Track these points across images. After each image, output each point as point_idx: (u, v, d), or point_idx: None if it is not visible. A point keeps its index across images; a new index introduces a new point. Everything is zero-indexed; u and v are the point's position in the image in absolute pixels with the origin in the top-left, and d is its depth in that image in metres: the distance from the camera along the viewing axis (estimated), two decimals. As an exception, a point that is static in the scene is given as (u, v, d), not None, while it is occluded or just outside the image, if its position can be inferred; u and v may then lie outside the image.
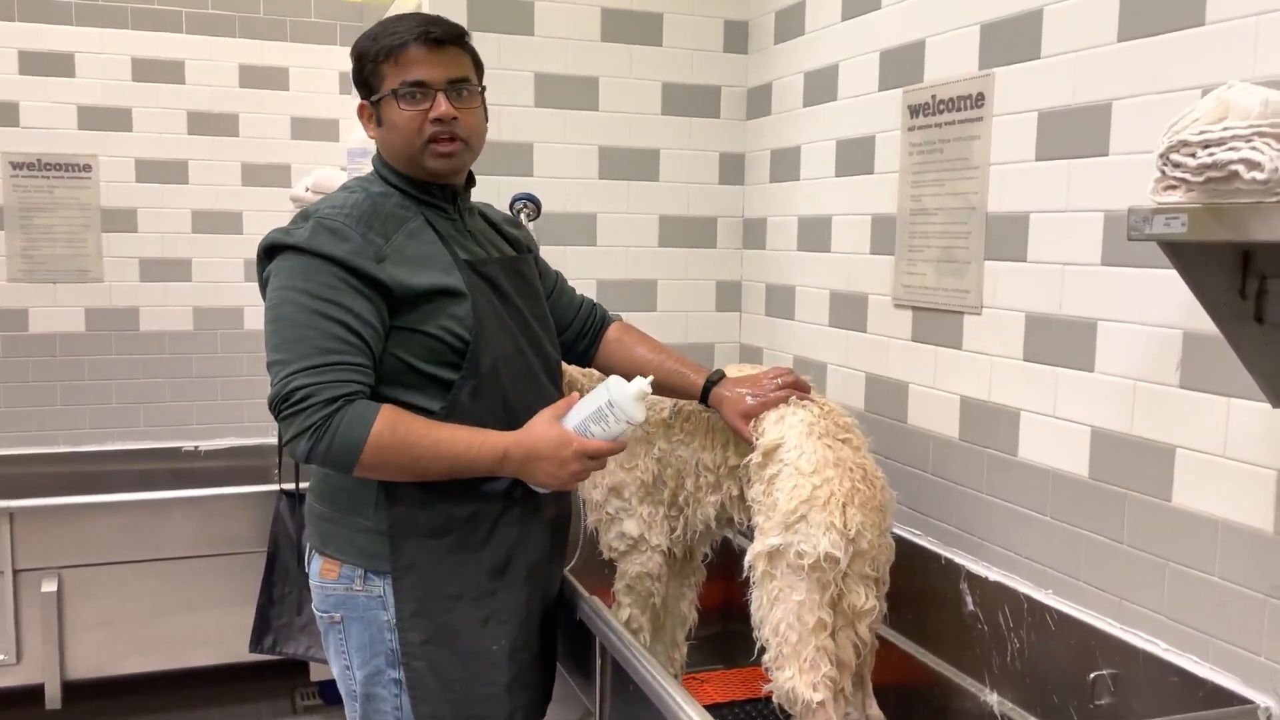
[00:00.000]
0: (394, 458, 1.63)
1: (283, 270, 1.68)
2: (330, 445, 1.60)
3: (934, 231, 2.34)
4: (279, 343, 1.64)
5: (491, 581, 1.80)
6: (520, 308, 1.86)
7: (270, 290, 1.69)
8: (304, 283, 1.65)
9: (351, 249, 1.66)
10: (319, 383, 1.60)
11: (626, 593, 2.25)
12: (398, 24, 1.77)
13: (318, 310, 1.63)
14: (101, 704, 3.39)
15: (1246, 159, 1.22)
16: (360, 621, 1.78)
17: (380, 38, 1.77)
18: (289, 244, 1.67)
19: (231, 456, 3.97)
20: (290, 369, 1.61)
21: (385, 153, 1.83)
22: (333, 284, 1.64)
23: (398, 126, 1.76)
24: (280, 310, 1.65)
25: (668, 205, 3.17)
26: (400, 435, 1.63)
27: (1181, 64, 1.73)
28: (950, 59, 2.28)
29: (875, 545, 1.87)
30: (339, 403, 1.60)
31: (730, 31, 3.16)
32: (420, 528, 1.75)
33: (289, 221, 1.75)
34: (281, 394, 1.61)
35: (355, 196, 1.75)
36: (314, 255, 1.65)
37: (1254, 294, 1.46)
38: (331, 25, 4.06)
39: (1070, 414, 1.98)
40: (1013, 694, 2.06)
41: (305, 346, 1.61)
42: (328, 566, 1.80)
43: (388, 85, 1.75)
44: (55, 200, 3.83)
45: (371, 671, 1.80)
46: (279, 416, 1.63)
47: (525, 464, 1.70)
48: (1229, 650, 1.67)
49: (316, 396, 1.60)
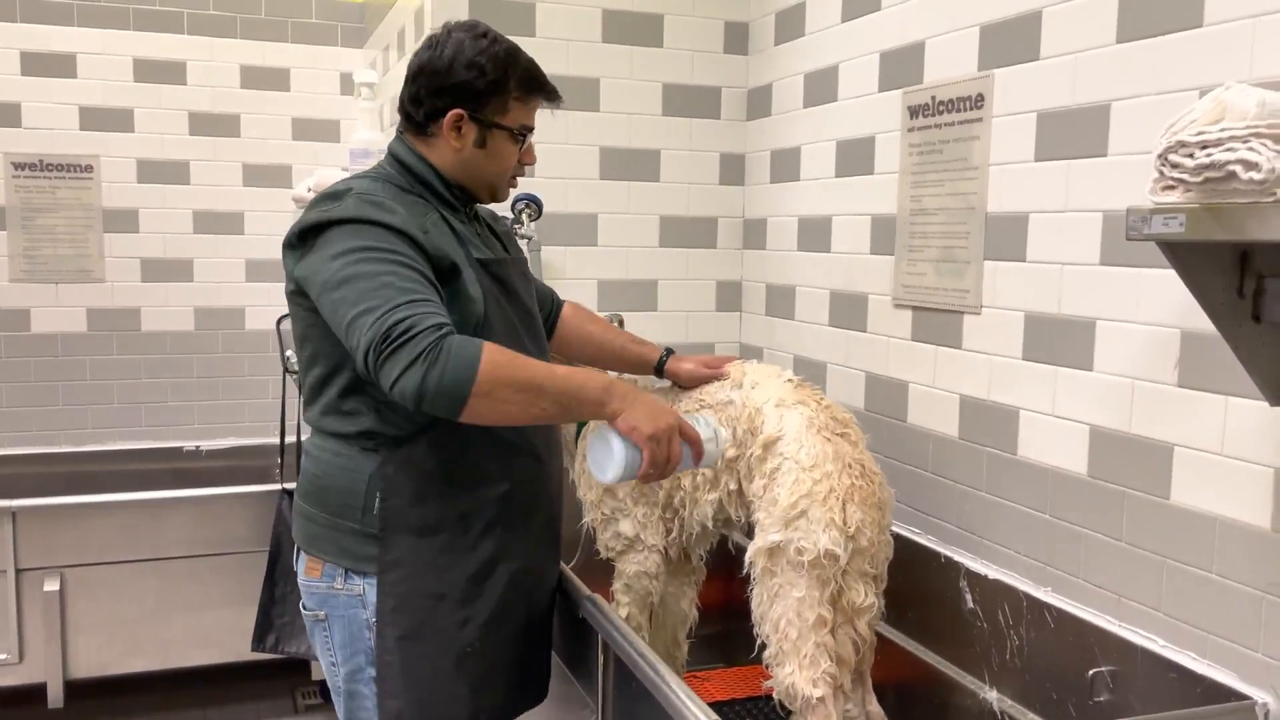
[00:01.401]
0: (510, 376, 1.53)
1: (335, 240, 1.63)
2: (444, 370, 1.49)
3: (934, 231, 2.35)
4: (360, 295, 1.56)
5: (474, 585, 1.80)
6: (522, 305, 1.89)
7: (326, 260, 1.63)
8: (370, 242, 1.61)
9: (400, 219, 1.65)
10: (420, 313, 1.52)
11: (624, 592, 2.26)
12: (537, 70, 1.82)
13: (394, 260, 1.59)
14: (103, 703, 3.39)
15: (1244, 159, 1.23)
16: (341, 620, 1.79)
17: (517, 64, 1.79)
18: (337, 218, 1.64)
19: (233, 456, 3.97)
20: (383, 310, 1.53)
21: (453, 165, 1.80)
22: (394, 243, 1.62)
23: (501, 158, 1.82)
24: (351, 270, 1.59)
25: (668, 205, 3.18)
26: (510, 355, 1.56)
27: (1180, 65, 1.74)
28: (950, 60, 2.29)
29: (875, 542, 1.88)
30: (445, 329, 1.52)
31: (731, 33, 3.18)
32: (412, 525, 1.75)
33: (310, 205, 1.74)
34: (381, 332, 1.51)
35: (379, 184, 1.75)
36: (367, 223, 1.63)
37: (1251, 293, 1.47)
38: (333, 26, 4.07)
39: (1069, 413, 1.99)
40: (1012, 691, 2.07)
41: (391, 291, 1.55)
42: (311, 565, 1.81)
43: (512, 120, 1.80)
44: (57, 200, 3.83)
45: (352, 669, 1.81)
46: (380, 358, 1.51)
47: (628, 397, 1.64)
48: (1226, 646, 1.68)
49: (421, 324, 1.51)
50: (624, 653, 1.84)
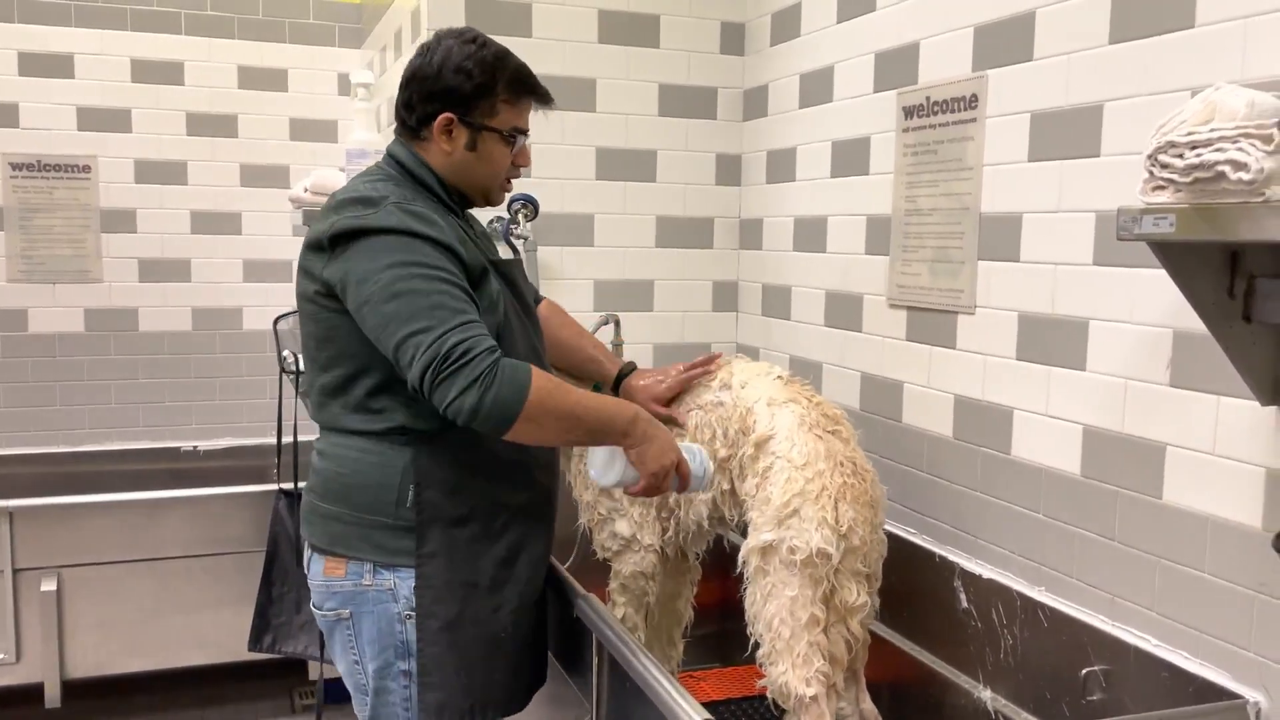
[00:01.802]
0: (554, 405, 1.65)
1: (380, 250, 1.66)
2: (499, 393, 1.58)
3: (928, 232, 2.35)
4: (413, 313, 1.61)
5: (501, 571, 1.85)
6: (527, 305, 1.93)
7: (373, 270, 1.65)
8: (419, 257, 1.65)
9: (439, 232, 1.69)
10: (474, 335, 1.60)
11: (620, 592, 2.26)
12: (527, 72, 1.83)
13: (442, 279, 1.65)
14: (101, 703, 3.40)
15: (1233, 160, 1.24)
16: (370, 615, 1.81)
17: (506, 68, 1.80)
18: (379, 227, 1.67)
19: (230, 456, 3.97)
20: (439, 331, 1.59)
21: (445, 168, 1.83)
22: (439, 259, 1.67)
23: (493, 161, 1.83)
24: (403, 285, 1.63)
25: (664, 206, 3.19)
26: (555, 383, 1.67)
27: (1172, 66, 1.75)
28: (944, 61, 2.30)
29: (867, 541, 1.89)
30: (497, 352, 1.61)
31: (727, 33, 3.18)
32: (446, 516, 1.79)
33: (328, 206, 1.76)
34: (440, 354, 1.58)
35: (403, 190, 1.77)
36: (413, 235, 1.66)
37: (1242, 293, 1.48)
38: (330, 27, 4.07)
39: (1062, 412, 2.00)
40: (1006, 690, 2.07)
41: (445, 312, 1.61)
42: (333, 564, 1.82)
43: (501, 123, 1.81)
44: (55, 201, 3.84)
45: (382, 665, 1.83)
46: (438, 379, 1.58)
47: (649, 431, 1.76)
48: (1218, 645, 1.69)
49: (478, 348, 1.59)
50: (618, 653, 1.85)
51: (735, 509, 2.07)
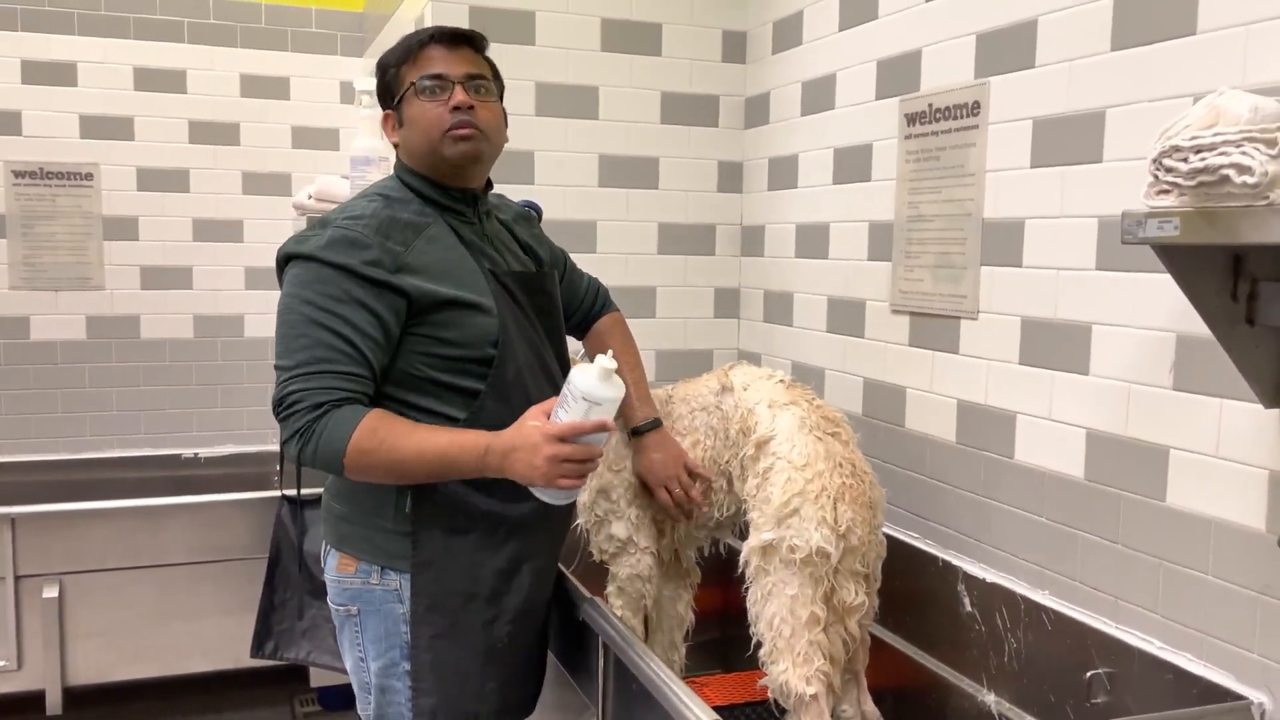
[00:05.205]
0: (377, 460, 1.66)
1: (292, 279, 1.73)
2: (316, 449, 1.66)
3: (931, 238, 2.37)
4: (280, 350, 1.72)
5: (501, 582, 1.84)
6: (541, 319, 1.90)
7: (280, 298, 1.75)
8: (308, 292, 1.70)
9: (368, 258, 1.69)
10: (308, 389, 1.67)
11: (618, 594, 2.26)
12: (417, 33, 1.86)
13: (316, 320, 1.68)
14: (102, 710, 3.39)
15: (1237, 163, 1.25)
16: (376, 614, 1.82)
17: (399, 46, 1.85)
18: (301, 253, 1.72)
19: (231, 464, 3.98)
20: (285, 375, 1.69)
21: (407, 154, 1.86)
22: (337, 295, 1.68)
23: (417, 120, 1.80)
24: (284, 318, 1.73)
25: (667, 213, 3.20)
26: (380, 438, 1.65)
27: (1173, 72, 1.76)
28: (946, 68, 2.31)
29: (865, 541, 1.91)
30: (324, 408, 1.66)
31: (728, 41, 3.20)
32: (444, 524, 1.79)
33: (306, 227, 1.79)
34: (276, 398, 1.69)
35: (374, 204, 1.78)
36: (324, 264, 1.69)
37: (1245, 296, 1.48)
38: (332, 36, 4.09)
39: (1066, 416, 2.01)
40: (1010, 694, 2.08)
41: (301, 355, 1.68)
42: (345, 561, 1.84)
43: (407, 82, 1.81)
44: (57, 208, 3.84)
45: (386, 663, 1.83)
46: (277, 418, 1.71)
47: (505, 458, 1.63)
48: (1222, 648, 1.70)
49: (304, 402, 1.66)
50: (625, 655, 1.85)
51: (728, 507, 2.12)
